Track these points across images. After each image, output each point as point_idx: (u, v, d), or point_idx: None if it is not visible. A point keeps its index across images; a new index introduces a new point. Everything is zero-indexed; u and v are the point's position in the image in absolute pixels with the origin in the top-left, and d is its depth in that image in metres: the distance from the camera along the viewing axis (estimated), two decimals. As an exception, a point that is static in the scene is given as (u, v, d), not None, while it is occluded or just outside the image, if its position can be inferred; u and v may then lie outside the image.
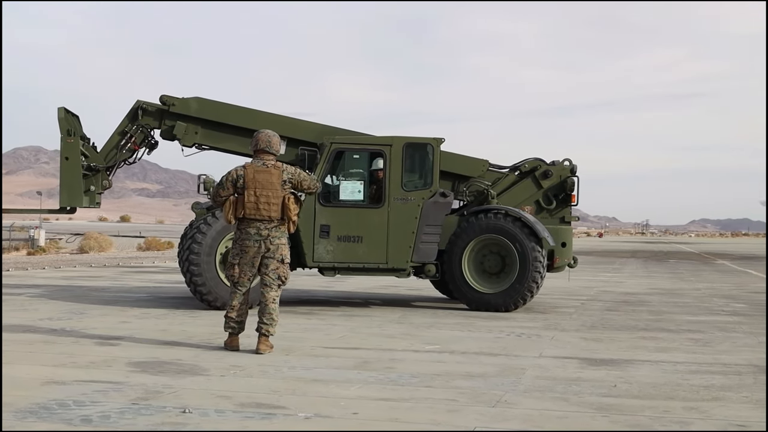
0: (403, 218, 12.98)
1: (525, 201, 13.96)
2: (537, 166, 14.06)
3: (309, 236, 12.86)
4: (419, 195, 13.05)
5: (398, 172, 13.02)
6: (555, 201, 13.94)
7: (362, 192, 13.09)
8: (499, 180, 14.03)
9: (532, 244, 12.94)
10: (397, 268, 13.07)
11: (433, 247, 13.11)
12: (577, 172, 13.99)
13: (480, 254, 13.22)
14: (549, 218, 13.88)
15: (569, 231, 14.00)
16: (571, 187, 13.87)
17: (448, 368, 7.86)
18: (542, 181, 13.98)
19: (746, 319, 12.69)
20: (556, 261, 13.67)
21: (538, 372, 7.74)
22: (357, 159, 13.37)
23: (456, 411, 6.05)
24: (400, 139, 13.17)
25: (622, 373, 7.80)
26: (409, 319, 11.99)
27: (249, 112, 13.83)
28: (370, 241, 12.96)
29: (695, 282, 22.23)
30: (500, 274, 13.19)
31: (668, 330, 11.21)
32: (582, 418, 5.92)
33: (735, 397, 6.73)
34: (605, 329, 11.18)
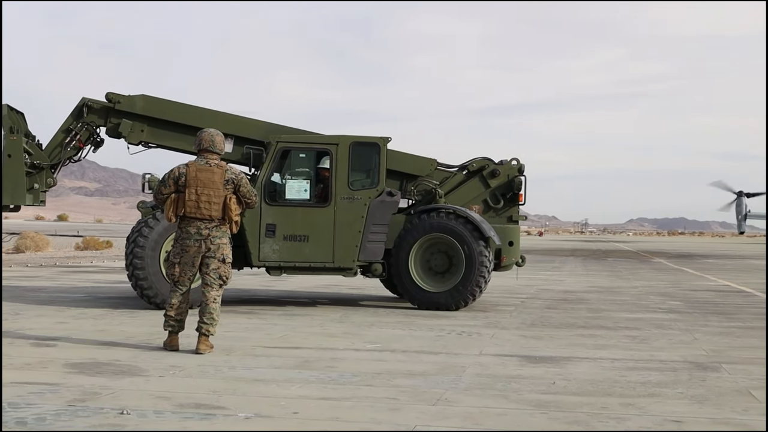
0: (349, 217, 12.96)
1: (473, 200, 14.01)
2: (485, 166, 14.10)
3: (255, 235, 12.79)
4: (366, 194, 13.05)
5: (345, 171, 13.00)
6: (503, 200, 13.99)
7: (308, 191, 13.06)
8: (447, 179, 14.07)
9: (478, 243, 13.01)
10: (344, 267, 13.06)
11: (380, 246, 13.12)
12: (524, 171, 14.11)
13: (427, 253, 13.25)
14: (496, 217, 13.95)
15: (516, 230, 14.08)
16: (518, 187, 13.94)
17: (389, 367, 7.87)
18: (490, 181, 14.03)
19: (682, 317, 12.92)
20: (504, 260, 13.75)
21: (479, 370, 7.80)
22: (303, 158, 13.33)
23: (397, 410, 6.07)
24: (347, 138, 13.16)
25: (561, 370, 7.89)
26: (350, 318, 11.99)
27: (195, 110, 13.71)
28: (317, 240, 12.92)
29: (633, 280, 22.56)
30: (447, 273, 13.24)
31: (606, 327, 11.37)
32: (521, 415, 5.98)
33: (671, 393, 6.84)
34: (545, 327, 11.30)
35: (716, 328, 11.43)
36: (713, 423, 5.81)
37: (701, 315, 13.21)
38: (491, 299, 14.99)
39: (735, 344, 9.88)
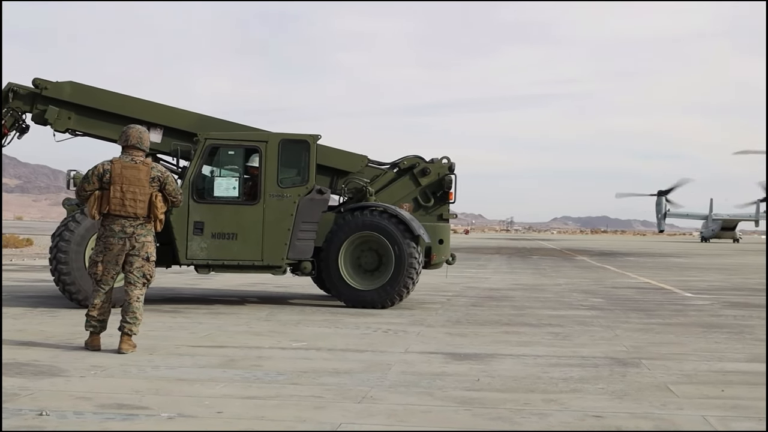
0: (278, 215, 12.90)
1: (403, 198, 14.02)
2: (416, 164, 14.12)
3: (182, 233, 12.66)
4: (295, 192, 12.99)
5: (274, 168, 12.93)
6: (433, 198, 14.05)
7: (237, 188, 12.97)
8: (378, 177, 14.07)
9: (407, 241, 13.02)
10: (273, 265, 12.99)
11: (310, 244, 13.07)
12: (455, 169, 14.17)
13: (357, 251, 13.23)
14: (427, 215, 13.99)
15: (447, 228, 14.14)
16: (448, 185, 13.99)
17: (315, 365, 7.86)
18: (420, 179, 14.05)
19: (603, 313, 13.15)
20: (434, 258, 13.79)
21: (404, 367, 7.83)
22: (232, 155, 13.23)
23: (322, 408, 6.06)
24: (276, 135, 13.10)
25: (485, 367, 7.97)
26: (276, 316, 11.94)
27: (125, 99, 13.49)
28: (245, 238, 12.83)
29: (556, 278, 22.90)
30: (376, 271, 13.22)
31: (530, 324, 11.51)
32: (445, 412, 6.03)
33: (592, 389, 6.96)
34: (470, 324, 11.40)
35: (636, 325, 11.66)
36: (632, 417, 5.93)
37: (622, 312, 13.46)
38: (418, 297, 15.07)
39: (654, 340, 10.09)
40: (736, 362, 8.52)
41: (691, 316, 13.03)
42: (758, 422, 5.83)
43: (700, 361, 8.50)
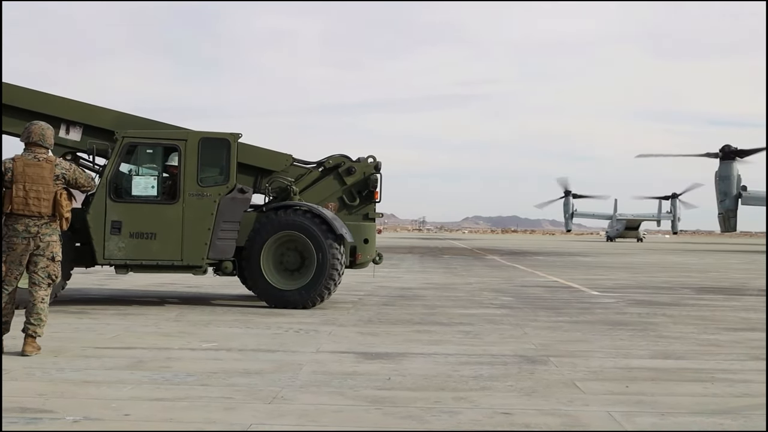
0: (198, 214, 12.74)
1: (329, 197, 13.93)
2: (341, 163, 14.03)
3: (99, 233, 12.43)
4: (216, 191, 12.85)
5: (194, 167, 12.76)
6: (358, 198, 13.99)
7: (156, 187, 12.79)
8: (302, 176, 13.96)
9: (329, 241, 12.95)
10: (193, 265, 12.83)
11: (231, 244, 12.93)
12: (381, 168, 14.11)
13: (279, 251, 13.11)
14: (352, 215, 13.93)
15: (372, 228, 14.10)
16: (374, 184, 13.94)
17: (225, 366, 7.79)
18: (346, 178, 13.98)
19: (513, 312, 13.33)
20: (359, 257, 13.78)
21: (315, 367, 7.82)
22: (150, 154, 13.03)
23: (232, 409, 6.01)
24: (196, 133, 12.95)
25: (397, 366, 8.01)
26: (186, 316, 11.79)
27: (42, 96, 13.14)
28: (165, 237, 12.65)
29: (467, 276, 23.13)
30: (299, 270, 13.12)
31: (441, 323, 11.60)
32: (356, 411, 6.04)
33: (501, 387, 7.05)
34: (381, 324, 11.43)
35: (545, 323, 11.85)
36: (540, 414, 6.03)
37: (531, 310, 13.66)
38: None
39: (562, 338, 10.27)
40: (640, 359, 8.73)
41: (597, 313, 13.30)
42: (660, 417, 5.99)
43: (606, 358, 8.69)
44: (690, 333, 10.95)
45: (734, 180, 60.49)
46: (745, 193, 60.79)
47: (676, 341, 10.12)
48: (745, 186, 60.88)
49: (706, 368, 8.17)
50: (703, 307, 14.67)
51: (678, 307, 14.56)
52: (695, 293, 18.17)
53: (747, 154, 61.55)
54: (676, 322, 12.16)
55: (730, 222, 61.37)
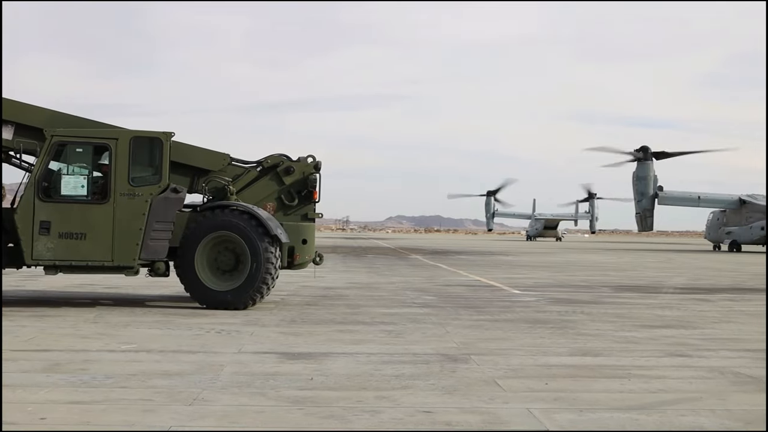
0: (130, 214, 12.52)
1: (267, 197, 13.75)
2: (279, 162, 13.87)
3: (28, 233, 12.17)
4: (148, 190, 12.65)
5: (125, 166, 12.55)
6: (297, 198, 13.83)
7: (86, 187, 12.55)
8: (240, 176, 13.78)
9: (264, 241, 12.80)
10: (124, 266, 12.62)
11: (164, 244, 12.73)
12: (321, 168, 13.96)
13: (214, 251, 12.92)
14: (291, 215, 13.78)
15: (311, 228, 13.92)
16: (313, 184, 13.80)
17: (145, 367, 7.68)
18: (284, 178, 13.81)
19: (435, 311, 13.41)
20: (297, 258, 13.64)
21: (237, 368, 7.76)
22: (80, 152, 12.77)
23: (151, 411, 5.94)
24: (127, 132, 12.73)
25: (319, 366, 7.99)
26: (105, 318, 11.59)
27: None
28: (95, 238, 12.41)
29: (390, 276, 23.20)
30: (234, 271, 12.96)
31: (364, 323, 11.62)
32: (278, 411, 6.01)
33: (423, 385, 7.09)
34: (304, 324, 11.40)
35: (467, 322, 11.96)
36: (461, 412, 6.08)
37: (453, 309, 13.77)
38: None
39: (483, 336, 10.37)
40: (559, 356, 8.87)
41: (518, 312, 13.47)
42: (578, 413, 6.09)
43: (526, 356, 8.80)
44: (608, 330, 11.16)
45: (651, 180, 61.75)
46: (662, 193, 62.08)
47: (594, 338, 10.30)
48: (661, 186, 62.18)
49: (623, 365, 8.34)
50: (620, 305, 14.96)
51: (596, 305, 14.82)
52: (613, 291, 18.52)
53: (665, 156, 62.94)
54: (594, 320, 12.38)
55: (647, 221, 62.63)
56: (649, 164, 61.70)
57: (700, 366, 8.34)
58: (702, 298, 16.87)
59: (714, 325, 11.98)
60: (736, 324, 12.24)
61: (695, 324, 12.10)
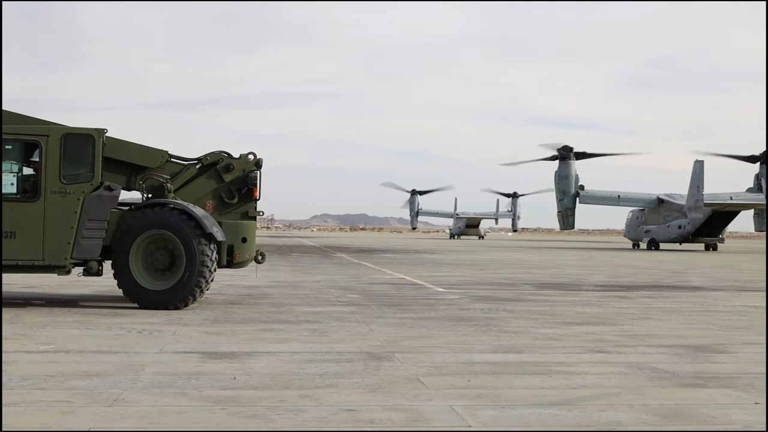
0: (61, 212, 12.26)
1: (206, 195, 13.53)
2: (219, 160, 13.66)
3: None
4: (80, 188, 12.39)
5: (56, 163, 12.29)
6: (237, 195, 13.64)
7: (15, 184, 12.26)
8: (179, 173, 13.55)
9: (199, 240, 12.60)
10: (56, 265, 12.36)
11: (97, 243, 12.48)
12: (262, 165, 13.77)
13: (149, 250, 12.71)
14: (231, 213, 13.57)
15: (252, 226, 13.71)
16: (253, 182, 13.61)
17: (63, 368, 7.54)
18: (224, 175, 13.61)
19: (360, 309, 13.43)
20: (236, 256, 13.44)
21: (158, 368, 7.66)
22: (9, 149, 12.45)
23: (70, 413, 5.83)
24: (59, 129, 12.46)
25: (242, 365, 7.94)
26: (22, 318, 11.34)
27: None
28: (25, 236, 12.14)
29: (315, 274, 23.15)
30: (169, 270, 12.75)
31: (288, 321, 11.58)
32: (200, 412, 5.95)
33: (346, 383, 7.09)
34: (227, 323, 11.31)
35: (391, 320, 12.00)
36: (384, 410, 6.10)
37: (377, 307, 13.80)
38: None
39: (407, 334, 10.42)
40: (482, 353, 8.95)
41: (442, 310, 13.56)
42: (500, 410, 6.16)
43: (449, 353, 8.87)
44: (529, 327, 11.31)
45: (572, 179, 62.77)
46: (583, 192, 63.16)
47: (516, 336, 10.43)
48: (582, 185, 63.24)
49: (545, 361, 8.46)
50: (542, 303, 15.17)
51: (519, 303, 15.01)
52: (535, 289, 18.77)
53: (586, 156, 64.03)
54: (516, 317, 12.53)
55: (569, 220, 63.65)
56: (571, 164, 62.72)
57: (619, 362, 8.51)
58: (621, 296, 17.20)
59: (632, 322, 12.23)
60: (653, 321, 12.51)
61: (614, 321, 12.33)
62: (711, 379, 7.56)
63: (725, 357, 8.98)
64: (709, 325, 12.04)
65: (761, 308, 14.77)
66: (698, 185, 58.10)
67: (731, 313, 13.87)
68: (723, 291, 19.11)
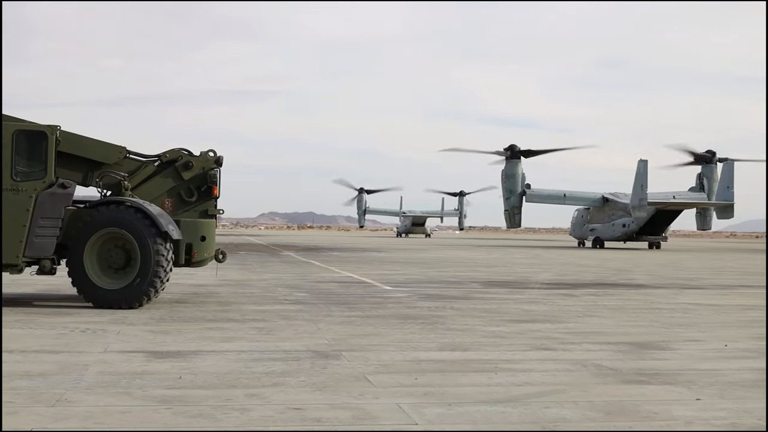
0: (13, 210, 12.04)
1: (165, 193, 13.33)
2: (179, 157, 13.46)
3: None
4: (32, 186, 12.17)
5: (7, 160, 12.09)
6: (197, 193, 13.44)
7: None
8: (138, 170, 13.32)
9: (154, 239, 12.38)
10: (8, 263, 12.14)
11: (50, 241, 12.26)
12: (223, 163, 13.59)
13: (105, 248, 12.49)
14: (190, 211, 13.36)
15: (211, 225, 13.49)
16: (212, 180, 13.42)
17: (6, 369, 7.40)
18: (183, 173, 13.41)
19: (307, 307, 13.40)
20: (195, 255, 13.21)
21: (102, 367, 7.57)
22: None
23: (12, 414, 5.73)
24: (10, 125, 12.23)
25: (188, 364, 7.87)
26: (-38, 317, 11.14)
27: None
28: None
29: (262, 273, 23.05)
30: (125, 269, 12.54)
31: (235, 320, 11.51)
32: (145, 411, 5.89)
33: (293, 382, 7.07)
34: (173, 322, 11.21)
35: (338, 318, 11.99)
36: (331, 408, 6.09)
37: (325, 305, 13.78)
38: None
39: (355, 333, 10.42)
40: (429, 351, 8.98)
41: (389, 308, 13.58)
42: (447, 407, 6.18)
43: (397, 351, 8.88)
44: (476, 325, 11.37)
45: (519, 178, 63.22)
46: (529, 191, 63.64)
47: (463, 333, 10.48)
48: (529, 184, 63.72)
49: (491, 359, 8.51)
50: (489, 301, 15.27)
51: (466, 301, 15.08)
52: (482, 287, 18.88)
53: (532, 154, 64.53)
54: (463, 315, 12.60)
55: (515, 218, 64.10)
56: (517, 162, 63.17)
57: (564, 359, 8.59)
58: (567, 293, 17.37)
59: (578, 320, 12.36)
60: (598, 318, 12.65)
61: (560, 318, 12.46)
62: (653, 376, 7.67)
63: (667, 354, 9.12)
64: (653, 322, 12.22)
65: (703, 305, 15.03)
66: (642, 184, 58.92)
67: (674, 310, 14.09)
68: (666, 289, 19.39)
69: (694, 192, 63.95)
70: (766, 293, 17.57)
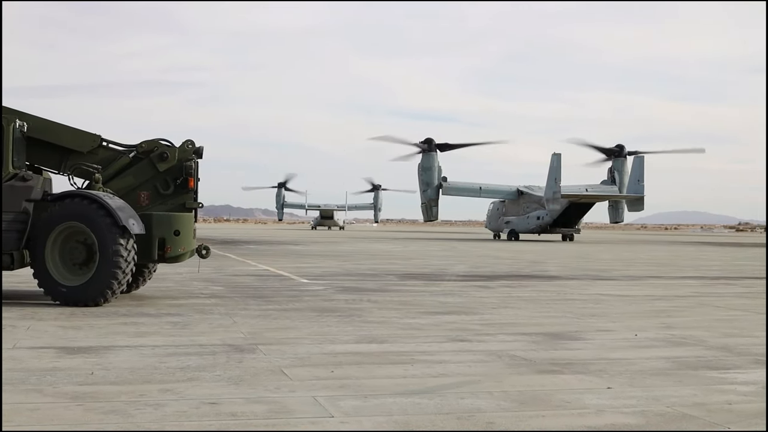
0: None
1: (141, 185, 12.91)
2: (155, 148, 13.02)
3: None
4: None
5: None
6: (173, 186, 13.02)
7: None
8: (113, 161, 12.93)
9: (113, 233, 11.94)
10: None
11: (9, 236, 11.87)
12: (202, 154, 13.17)
13: (66, 243, 12.11)
14: (166, 204, 12.94)
15: (187, 218, 12.94)
16: (188, 171, 12.98)
17: None
18: (159, 164, 12.96)
19: (223, 301, 13.29)
20: (168, 250, 12.72)
21: (11, 364, 7.38)
22: None
23: None
24: None
25: (101, 359, 7.74)
26: None
27: None
28: None
29: (178, 267, 22.69)
30: (87, 265, 12.15)
31: (149, 315, 11.35)
32: (55, 408, 5.77)
33: (209, 377, 7.01)
34: (85, 317, 11.00)
35: (255, 311, 11.92)
36: (247, 402, 6.05)
37: (241, 299, 13.69)
38: (28, 289, 14.28)
39: (271, 326, 10.37)
40: (345, 344, 8.99)
41: (306, 301, 13.56)
42: (363, 400, 6.20)
43: (313, 344, 8.87)
44: (393, 317, 11.43)
45: (435, 171, 63.66)
46: (446, 184, 64.17)
47: (379, 326, 10.52)
48: (445, 177, 64.24)
49: (407, 351, 8.56)
50: (405, 293, 15.35)
51: (382, 293, 15.14)
52: (399, 279, 18.98)
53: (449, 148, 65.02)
54: (380, 308, 12.64)
55: (432, 211, 64.58)
56: (434, 155, 63.61)
57: (479, 350, 8.69)
58: (482, 285, 17.57)
59: (492, 311, 12.51)
60: (513, 309, 12.83)
61: (475, 310, 12.59)
62: (566, 366, 7.81)
63: (580, 344, 9.29)
64: (565, 313, 12.44)
65: (614, 296, 15.36)
66: (556, 177, 59.92)
67: (586, 301, 14.37)
68: (578, 280, 19.77)
69: (606, 185, 65.24)
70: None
